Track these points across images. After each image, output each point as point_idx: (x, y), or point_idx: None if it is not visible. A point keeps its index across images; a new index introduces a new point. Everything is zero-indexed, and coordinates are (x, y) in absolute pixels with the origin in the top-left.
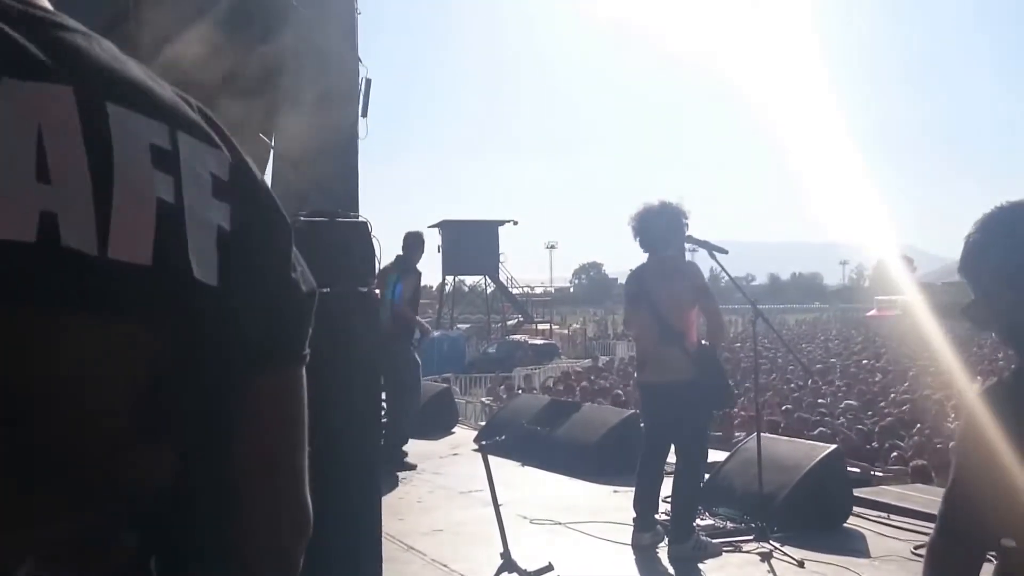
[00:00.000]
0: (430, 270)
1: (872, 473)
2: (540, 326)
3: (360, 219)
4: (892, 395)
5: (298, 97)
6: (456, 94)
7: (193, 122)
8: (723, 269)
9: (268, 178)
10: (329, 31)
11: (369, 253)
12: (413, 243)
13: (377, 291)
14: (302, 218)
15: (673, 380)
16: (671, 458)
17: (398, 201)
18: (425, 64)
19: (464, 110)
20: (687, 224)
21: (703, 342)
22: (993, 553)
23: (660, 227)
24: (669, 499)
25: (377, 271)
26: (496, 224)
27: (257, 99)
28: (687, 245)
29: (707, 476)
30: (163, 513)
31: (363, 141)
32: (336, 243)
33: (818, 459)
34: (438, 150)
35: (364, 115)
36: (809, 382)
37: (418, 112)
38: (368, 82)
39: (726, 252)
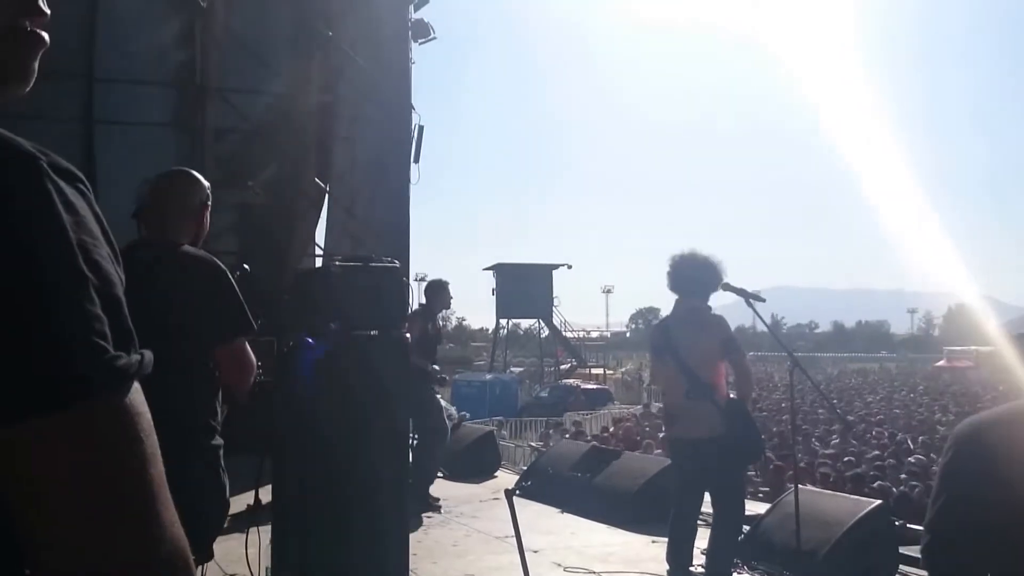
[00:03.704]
0: (484, 313)
1: (916, 528)
2: (594, 370)
3: (393, 263)
4: None
5: (352, 144)
6: (512, 137)
7: None
8: (760, 317)
9: (323, 222)
10: (383, 81)
11: (402, 296)
12: (435, 292)
13: (408, 335)
14: (337, 262)
15: (705, 435)
16: (706, 508)
17: (453, 244)
18: (479, 107)
19: (520, 153)
20: (720, 277)
21: (731, 395)
22: None
23: (689, 273)
24: (704, 551)
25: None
26: (550, 268)
27: (313, 146)
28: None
29: (746, 529)
30: None
31: (416, 186)
32: (369, 287)
33: (861, 515)
34: (493, 193)
35: (416, 161)
36: (869, 432)
37: (473, 155)
38: (421, 129)
39: (763, 300)
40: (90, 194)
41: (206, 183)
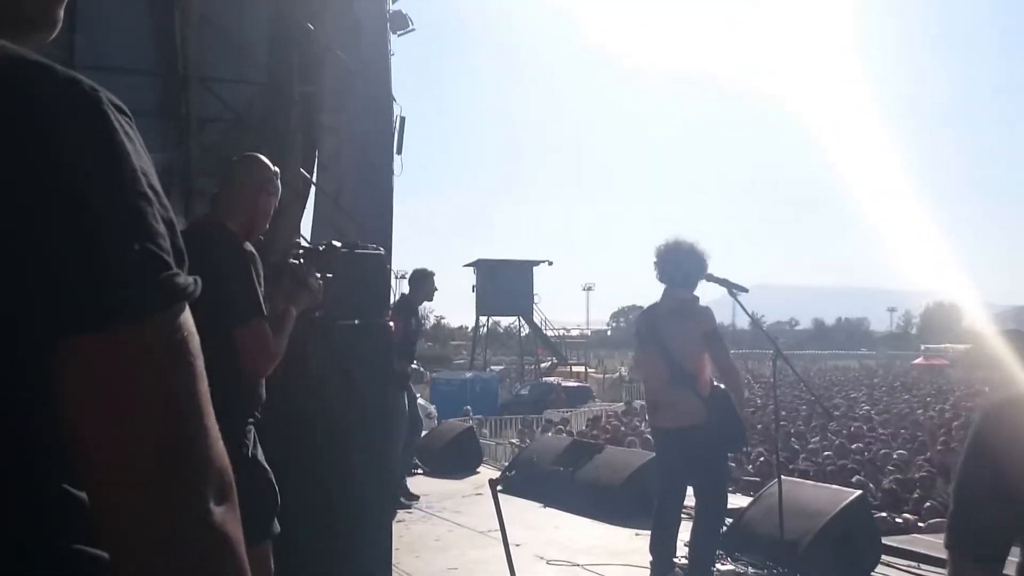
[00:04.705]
0: (464, 310)
1: (895, 520)
2: (574, 368)
3: (377, 250)
4: (940, 447)
5: (336, 134)
6: (494, 131)
7: None
8: (742, 308)
9: (309, 212)
10: (363, 72)
11: (385, 284)
12: (419, 282)
13: (392, 324)
14: (319, 248)
15: (687, 424)
16: (689, 500)
17: (434, 239)
18: (461, 101)
19: (501, 147)
20: (705, 266)
21: (717, 384)
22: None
23: (675, 262)
24: (687, 543)
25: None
26: (531, 264)
27: (298, 136)
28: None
29: (730, 521)
30: None
31: (398, 178)
32: (352, 274)
33: (842, 505)
34: (474, 188)
35: (399, 152)
36: (848, 428)
37: (454, 149)
38: (402, 120)
39: (746, 291)
40: (136, 129)
41: (272, 168)
